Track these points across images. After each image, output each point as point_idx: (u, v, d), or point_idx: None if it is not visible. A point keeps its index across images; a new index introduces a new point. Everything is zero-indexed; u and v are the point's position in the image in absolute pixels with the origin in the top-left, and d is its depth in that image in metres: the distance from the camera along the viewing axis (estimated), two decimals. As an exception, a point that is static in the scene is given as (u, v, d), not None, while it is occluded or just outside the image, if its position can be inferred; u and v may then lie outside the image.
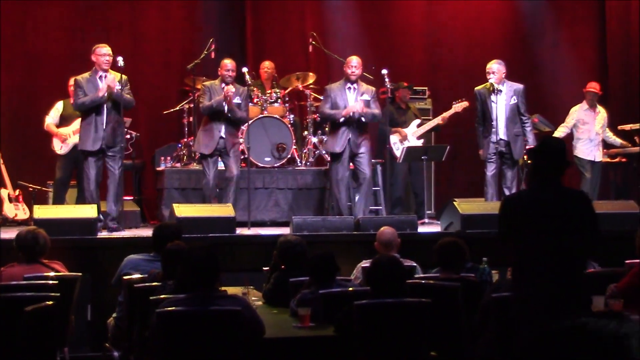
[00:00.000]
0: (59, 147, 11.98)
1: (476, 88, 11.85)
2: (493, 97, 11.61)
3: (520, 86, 11.81)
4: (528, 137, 11.65)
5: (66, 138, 11.92)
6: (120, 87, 11.00)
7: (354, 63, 11.76)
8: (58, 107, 12.14)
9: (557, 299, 5.37)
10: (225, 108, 11.43)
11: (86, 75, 11.14)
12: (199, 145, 11.67)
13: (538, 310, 5.38)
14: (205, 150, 11.50)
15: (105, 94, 10.94)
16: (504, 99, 11.66)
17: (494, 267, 7.87)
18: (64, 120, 12.04)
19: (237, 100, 11.55)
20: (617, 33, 15.86)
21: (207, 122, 11.61)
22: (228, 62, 11.70)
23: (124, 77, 11.12)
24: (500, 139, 11.61)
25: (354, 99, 11.71)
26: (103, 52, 11.11)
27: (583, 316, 5.41)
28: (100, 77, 11.07)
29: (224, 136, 11.49)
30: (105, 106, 10.98)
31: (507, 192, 11.48)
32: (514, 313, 5.55)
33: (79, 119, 11.82)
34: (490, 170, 11.67)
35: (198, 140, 11.73)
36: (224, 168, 11.68)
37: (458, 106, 12.79)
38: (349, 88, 11.78)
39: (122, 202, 11.39)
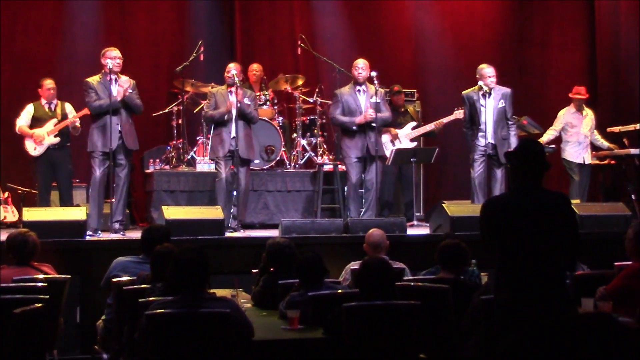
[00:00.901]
0: (33, 148, 11.90)
1: (464, 92, 11.85)
2: (482, 101, 11.63)
3: (508, 90, 11.83)
4: (511, 141, 11.65)
5: (42, 139, 11.86)
6: (131, 91, 11.05)
7: (361, 65, 11.75)
8: (29, 110, 12.06)
9: (539, 302, 5.36)
10: (234, 113, 11.40)
11: (97, 77, 11.13)
12: (212, 151, 11.65)
13: (521, 313, 5.37)
14: (219, 154, 11.45)
15: (120, 97, 10.95)
16: (492, 103, 11.66)
17: (482, 269, 7.89)
18: (37, 122, 11.96)
19: (246, 100, 11.51)
20: (607, 35, 15.91)
21: (216, 127, 11.58)
22: (232, 66, 11.71)
23: (132, 81, 11.17)
24: (489, 142, 11.63)
25: (366, 101, 11.69)
26: (113, 55, 11.12)
27: (567, 318, 5.41)
28: (110, 80, 11.04)
29: (235, 136, 11.40)
30: (120, 110, 10.98)
31: (495, 192, 11.55)
32: (496, 316, 5.54)
33: (53, 120, 11.86)
34: (477, 172, 11.70)
35: (211, 146, 11.67)
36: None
37: (459, 113, 12.63)
38: (359, 91, 11.76)
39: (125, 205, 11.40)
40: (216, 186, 11.61)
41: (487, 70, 11.74)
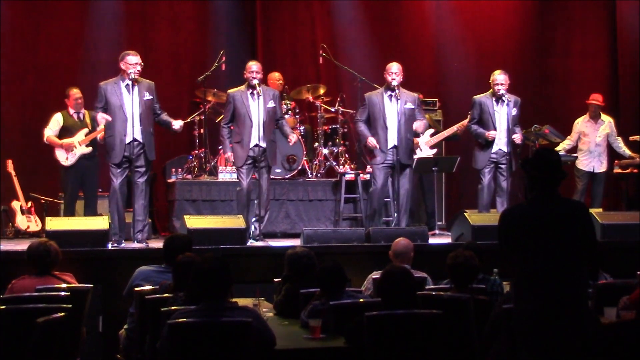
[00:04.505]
0: (65, 158, 11.85)
1: (476, 96, 11.88)
2: (496, 107, 11.67)
3: (518, 98, 11.85)
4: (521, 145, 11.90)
5: (74, 147, 11.85)
6: (151, 97, 10.92)
7: (394, 70, 11.53)
8: (58, 119, 11.97)
9: (557, 312, 5.34)
10: (255, 119, 11.19)
11: (111, 81, 10.88)
12: (234, 158, 11.40)
13: (540, 323, 5.35)
14: (238, 162, 11.27)
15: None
16: (505, 109, 11.71)
17: (504, 278, 7.86)
18: (66, 132, 11.90)
19: (270, 104, 11.31)
20: (629, 43, 15.85)
21: (237, 133, 11.37)
22: (253, 64, 11.38)
23: (152, 83, 11.04)
24: (500, 149, 11.67)
25: (394, 107, 11.46)
26: (134, 61, 10.81)
27: (587, 329, 5.40)
28: (127, 85, 10.76)
29: (258, 143, 11.21)
30: (137, 118, 10.73)
31: (499, 202, 11.66)
32: (516, 326, 5.52)
33: (84, 130, 11.83)
34: (487, 180, 11.78)
35: (234, 153, 11.40)
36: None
37: None
38: (390, 96, 11.51)
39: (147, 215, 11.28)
40: (237, 196, 11.54)
41: (498, 77, 11.76)
